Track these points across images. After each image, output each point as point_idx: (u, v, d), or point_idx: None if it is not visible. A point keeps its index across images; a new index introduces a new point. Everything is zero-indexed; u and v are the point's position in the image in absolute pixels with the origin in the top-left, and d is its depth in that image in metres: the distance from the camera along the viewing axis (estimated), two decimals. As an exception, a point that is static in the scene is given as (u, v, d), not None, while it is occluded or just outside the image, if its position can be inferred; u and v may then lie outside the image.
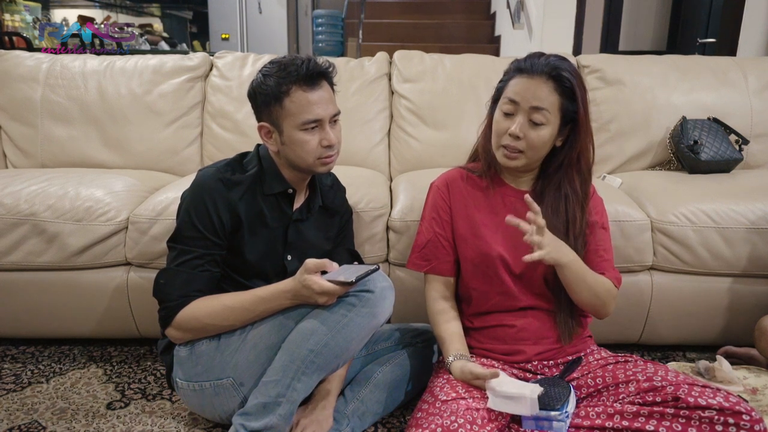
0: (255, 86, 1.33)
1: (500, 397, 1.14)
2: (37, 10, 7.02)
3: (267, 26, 6.59)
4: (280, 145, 1.34)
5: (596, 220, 1.36)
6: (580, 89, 1.27)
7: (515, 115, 1.27)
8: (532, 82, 1.26)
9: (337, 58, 2.35)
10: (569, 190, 1.32)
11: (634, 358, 1.29)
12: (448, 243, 1.40)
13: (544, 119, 1.25)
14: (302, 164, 1.34)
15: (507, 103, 1.28)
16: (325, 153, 1.33)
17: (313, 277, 1.21)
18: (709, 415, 1.07)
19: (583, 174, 1.33)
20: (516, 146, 1.27)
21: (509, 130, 1.27)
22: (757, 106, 2.14)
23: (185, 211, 1.33)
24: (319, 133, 1.31)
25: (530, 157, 1.29)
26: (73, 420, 1.43)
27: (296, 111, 1.28)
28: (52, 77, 2.18)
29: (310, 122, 1.29)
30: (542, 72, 1.25)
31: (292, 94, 1.28)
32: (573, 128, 1.29)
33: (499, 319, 1.35)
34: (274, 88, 1.28)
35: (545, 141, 1.27)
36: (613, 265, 1.37)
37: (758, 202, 1.69)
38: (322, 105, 1.30)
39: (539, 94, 1.25)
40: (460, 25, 5.87)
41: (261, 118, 1.35)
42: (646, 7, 4.65)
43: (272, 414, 1.19)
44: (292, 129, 1.30)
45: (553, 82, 1.25)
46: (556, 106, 1.26)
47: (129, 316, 1.73)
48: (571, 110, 1.27)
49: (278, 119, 1.30)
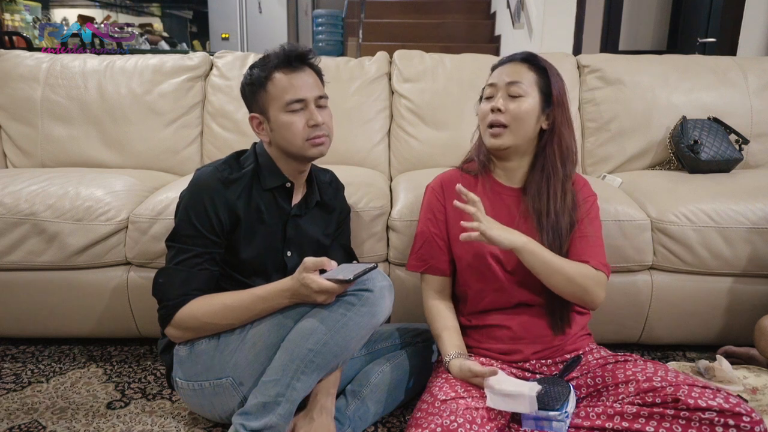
0: (243, 80, 1.38)
1: (499, 395, 1.14)
2: (37, 9, 7.02)
3: (267, 26, 6.59)
4: (270, 133, 1.36)
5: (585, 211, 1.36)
6: (553, 71, 1.36)
7: (495, 95, 1.36)
8: (506, 66, 1.37)
9: (337, 58, 2.35)
10: (550, 168, 1.35)
11: (634, 358, 1.29)
12: (443, 243, 1.41)
13: (521, 91, 1.32)
14: (292, 149, 1.34)
15: (487, 88, 1.39)
16: (313, 133, 1.33)
17: (312, 276, 1.21)
18: (710, 416, 1.07)
19: (563, 150, 1.36)
20: (499, 120, 1.33)
21: (491, 106, 1.34)
22: (757, 105, 2.14)
23: (183, 210, 1.33)
24: (304, 114, 1.32)
25: (515, 132, 1.33)
26: (73, 419, 1.43)
27: (279, 93, 1.31)
28: (52, 77, 2.18)
29: (293, 102, 1.31)
30: (516, 58, 1.38)
31: (274, 78, 1.32)
32: (553, 108, 1.35)
33: (496, 318, 1.36)
34: (258, 76, 1.33)
35: (526, 112, 1.32)
36: (600, 255, 1.34)
37: (758, 201, 1.69)
38: (305, 87, 1.33)
39: (514, 71, 1.35)
40: (461, 25, 5.87)
41: (252, 109, 1.37)
42: (646, 6, 4.65)
43: (272, 413, 1.19)
44: (278, 112, 1.32)
45: (527, 63, 1.36)
46: (532, 81, 1.34)
47: (129, 315, 1.73)
48: (548, 87, 1.34)
49: (265, 105, 1.33)
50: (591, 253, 1.32)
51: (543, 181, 1.35)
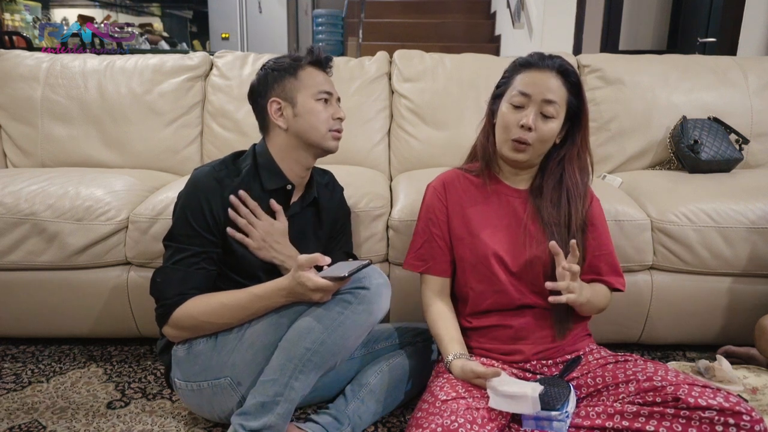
0: (267, 66, 1.40)
1: (501, 396, 1.14)
2: (37, 9, 7.02)
3: (267, 26, 6.59)
4: (291, 119, 1.36)
5: (596, 222, 1.38)
6: (582, 87, 1.32)
7: (526, 107, 1.28)
8: (543, 75, 1.28)
9: (337, 58, 2.35)
10: (571, 184, 1.34)
11: (634, 358, 1.29)
12: (444, 243, 1.41)
13: (554, 112, 1.27)
14: (314, 136, 1.37)
15: (518, 95, 1.29)
16: (336, 126, 1.40)
17: (307, 274, 1.21)
18: (710, 415, 1.06)
19: (585, 168, 1.36)
20: (526, 138, 1.28)
21: (521, 122, 1.27)
22: (757, 105, 2.14)
23: (181, 209, 1.33)
24: (330, 107, 1.39)
25: (536, 150, 1.31)
26: (73, 419, 1.43)
27: (311, 82, 1.37)
28: (52, 77, 2.18)
29: (324, 92, 1.38)
30: (551, 67, 1.29)
31: (306, 68, 1.38)
32: (574, 124, 1.33)
33: (497, 319, 1.35)
34: (288, 63, 1.38)
35: (553, 135, 1.30)
36: (619, 270, 1.40)
37: (758, 201, 1.69)
38: (331, 85, 1.41)
39: (551, 86, 1.27)
40: (461, 25, 5.87)
41: (271, 94, 1.37)
42: (646, 6, 4.65)
43: (271, 413, 1.19)
44: (307, 98, 1.36)
45: (561, 77, 1.29)
46: (564, 101, 1.29)
47: (129, 315, 1.73)
48: (575, 106, 1.31)
49: (292, 91, 1.36)
50: (610, 271, 1.38)
51: (563, 197, 1.33)
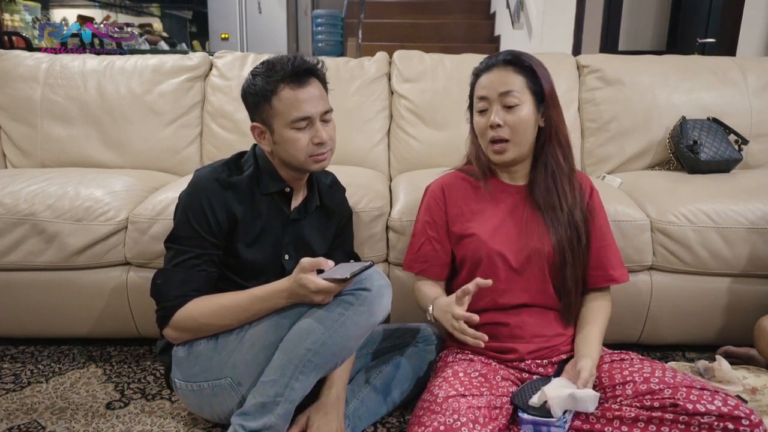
0: (245, 87, 1.34)
1: (562, 399, 1.14)
2: (37, 9, 7.02)
3: (267, 26, 6.60)
4: (272, 145, 1.34)
5: (598, 213, 1.40)
6: (539, 67, 1.33)
7: (489, 109, 1.32)
8: (492, 74, 1.32)
9: (336, 58, 2.35)
10: (554, 165, 1.35)
11: (630, 356, 1.29)
12: (441, 246, 1.41)
13: (516, 100, 1.29)
14: (295, 162, 1.34)
15: (478, 101, 1.34)
16: (317, 151, 1.32)
17: (309, 276, 1.20)
18: (709, 420, 1.06)
19: (563, 146, 1.36)
20: (501, 135, 1.30)
21: (489, 123, 1.31)
22: (756, 105, 2.14)
23: (182, 211, 1.33)
24: (309, 131, 1.31)
25: (517, 143, 1.32)
26: (72, 420, 1.43)
27: (285, 109, 1.28)
28: (52, 77, 2.18)
29: (300, 119, 1.29)
30: (497, 63, 1.33)
31: (279, 93, 1.28)
32: (545, 104, 1.34)
33: (494, 317, 1.35)
34: (262, 88, 1.29)
35: (525, 121, 1.30)
36: (620, 262, 1.41)
37: (758, 202, 1.69)
38: (312, 102, 1.30)
39: (503, 79, 1.31)
40: (460, 25, 5.87)
41: (253, 118, 1.35)
42: (645, 6, 4.65)
43: (271, 414, 1.19)
44: (282, 128, 1.30)
45: (512, 65, 1.32)
46: (523, 85, 1.31)
47: (128, 315, 1.73)
48: (537, 86, 1.32)
49: (269, 118, 1.31)
50: (614, 264, 1.39)
51: (549, 179, 1.35)
